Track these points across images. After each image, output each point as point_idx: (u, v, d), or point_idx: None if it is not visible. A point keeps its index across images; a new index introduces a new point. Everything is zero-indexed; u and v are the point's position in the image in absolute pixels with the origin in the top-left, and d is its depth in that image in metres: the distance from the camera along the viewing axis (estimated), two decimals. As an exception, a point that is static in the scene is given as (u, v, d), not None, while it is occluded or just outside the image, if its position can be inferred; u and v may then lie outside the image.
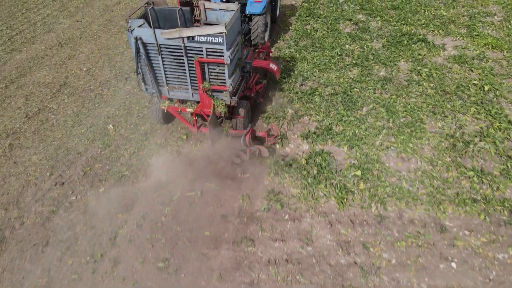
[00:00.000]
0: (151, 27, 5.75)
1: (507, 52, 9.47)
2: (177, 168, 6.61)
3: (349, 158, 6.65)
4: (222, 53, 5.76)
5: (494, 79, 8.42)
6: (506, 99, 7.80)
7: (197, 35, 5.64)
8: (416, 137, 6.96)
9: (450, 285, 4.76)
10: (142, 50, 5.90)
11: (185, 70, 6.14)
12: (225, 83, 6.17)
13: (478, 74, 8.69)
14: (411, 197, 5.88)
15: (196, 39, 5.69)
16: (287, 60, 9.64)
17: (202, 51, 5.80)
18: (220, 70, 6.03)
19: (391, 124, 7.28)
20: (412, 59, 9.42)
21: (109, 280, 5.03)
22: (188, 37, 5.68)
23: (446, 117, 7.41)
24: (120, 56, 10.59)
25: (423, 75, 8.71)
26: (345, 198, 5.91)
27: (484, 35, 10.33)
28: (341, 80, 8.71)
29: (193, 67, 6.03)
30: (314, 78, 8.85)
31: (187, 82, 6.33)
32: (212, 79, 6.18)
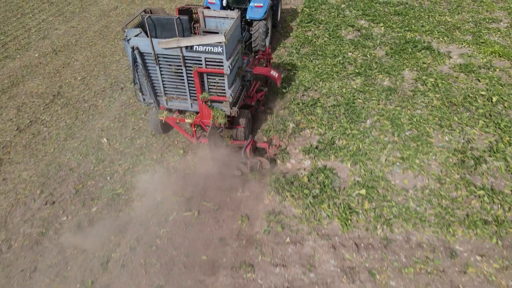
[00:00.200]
0: (148, 36, 5.48)
1: (514, 60, 9.20)
2: (173, 185, 6.33)
3: (353, 175, 6.36)
4: (221, 63, 5.54)
5: (503, 90, 8.13)
6: (516, 111, 7.52)
7: (196, 45, 5.41)
8: (423, 152, 6.67)
9: (463, 317, 4.49)
10: (139, 60, 5.69)
11: (183, 80, 5.91)
12: (225, 94, 5.94)
13: (486, 84, 8.40)
14: (419, 218, 5.59)
15: (194, 49, 5.48)
16: (288, 69, 9.35)
17: (201, 61, 5.58)
18: (220, 80, 5.81)
19: (396, 138, 6.99)
20: (417, 67, 9.13)
21: (99, 311, 4.74)
22: (186, 47, 5.44)
23: (454, 130, 7.12)
24: (116, 64, 10.30)
25: (428, 85, 8.42)
26: (349, 219, 5.62)
27: (491, 43, 10.04)
28: (344, 90, 8.42)
29: (191, 77, 5.80)
30: (316, 88, 8.56)
31: (185, 93, 6.10)
32: (212, 89, 5.95)
